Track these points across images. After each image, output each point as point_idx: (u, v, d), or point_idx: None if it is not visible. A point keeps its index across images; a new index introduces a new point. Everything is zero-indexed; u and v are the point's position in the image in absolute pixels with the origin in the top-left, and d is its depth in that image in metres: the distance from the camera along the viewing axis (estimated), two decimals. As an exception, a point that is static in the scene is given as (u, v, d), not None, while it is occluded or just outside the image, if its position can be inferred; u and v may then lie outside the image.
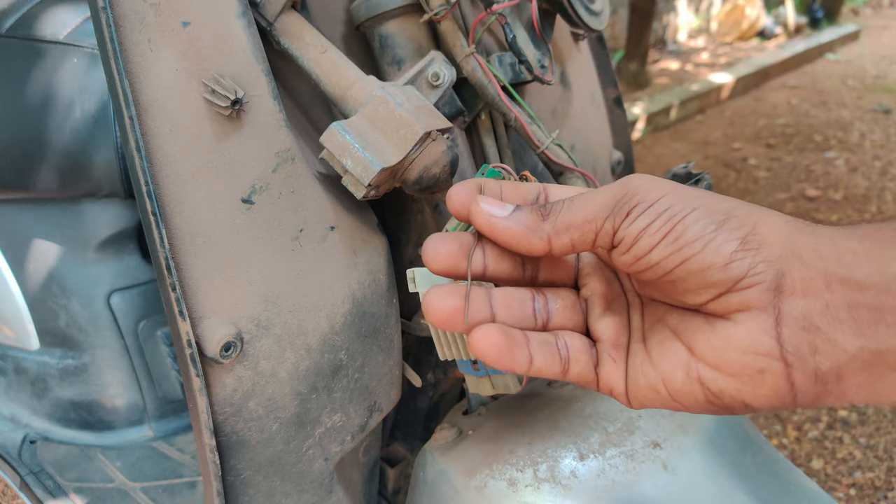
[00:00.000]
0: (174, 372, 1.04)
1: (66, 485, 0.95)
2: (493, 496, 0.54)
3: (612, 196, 0.34)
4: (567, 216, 0.35)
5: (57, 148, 0.87)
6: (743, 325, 0.31)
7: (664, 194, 0.32)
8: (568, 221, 0.34)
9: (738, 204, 0.32)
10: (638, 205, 0.33)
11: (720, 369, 0.31)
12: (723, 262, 0.30)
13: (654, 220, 0.32)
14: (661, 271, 0.32)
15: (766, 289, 0.30)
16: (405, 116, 0.48)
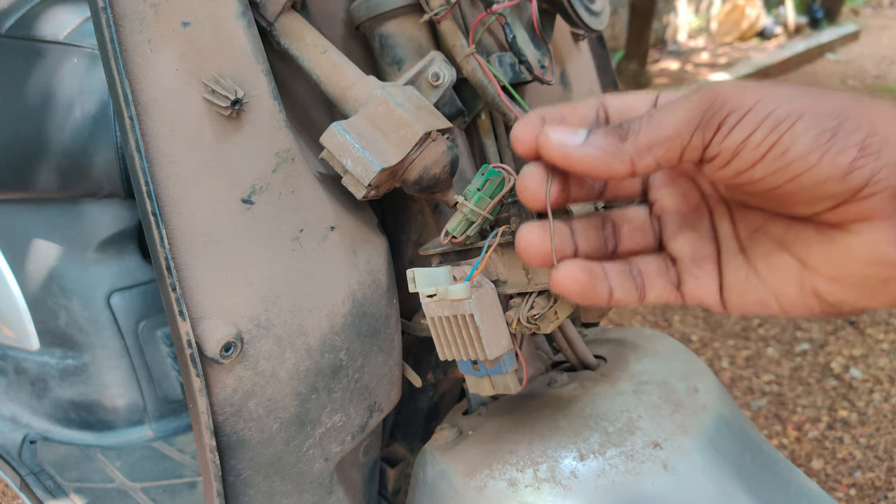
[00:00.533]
0: (174, 372, 1.04)
1: (66, 485, 0.95)
2: (493, 496, 0.54)
3: (698, 105, 0.30)
4: (649, 134, 0.31)
5: (57, 148, 0.87)
6: (864, 235, 0.28)
7: (759, 99, 0.28)
8: (651, 140, 0.31)
9: (849, 101, 0.28)
10: (731, 114, 0.29)
11: (839, 282, 0.30)
12: (841, 173, 0.27)
13: (755, 132, 0.28)
14: (767, 186, 0.29)
15: (889, 196, 0.27)
16: (405, 116, 0.48)
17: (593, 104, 0.35)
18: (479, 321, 0.47)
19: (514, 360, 0.52)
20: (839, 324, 2.07)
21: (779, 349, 1.98)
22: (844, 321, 2.08)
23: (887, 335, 2.00)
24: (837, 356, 1.94)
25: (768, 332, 2.05)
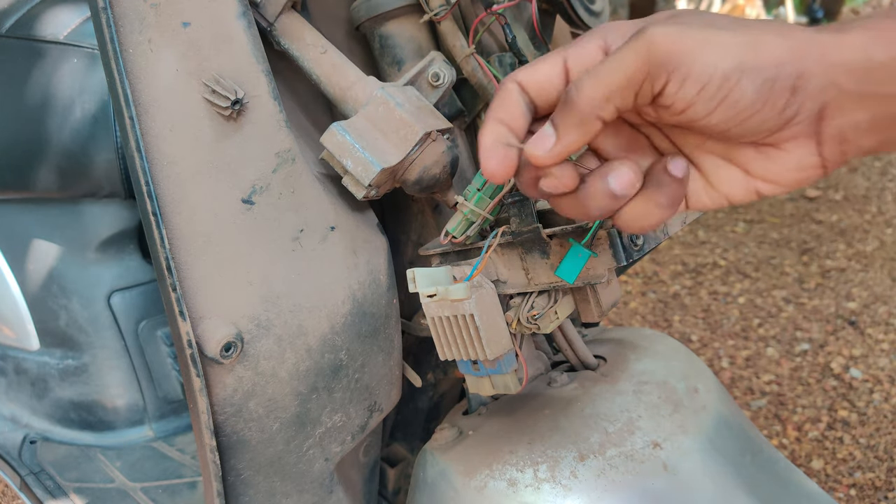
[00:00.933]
0: (174, 372, 1.04)
1: (66, 485, 0.95)
2: (493, 496, 0.54)
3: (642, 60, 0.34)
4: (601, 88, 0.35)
5: (57, 148, 0.87)
6: (793, 151, 0.36)
7: (700, 52, 0.33)
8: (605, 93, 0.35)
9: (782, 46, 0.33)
10: (676, 69, 0.33)
11: (776, 184, 0.37)
12: (779, 111, 0.34)
13: (706, 86, 0.33)
14: (716, 128, 0.35)
15: (811, 119, 0.34)
16: (405, 117, 0.48)
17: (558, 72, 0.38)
18: (479, 321, 0.47)
19: (514, 360, 0.52)
20: (839, 324, 2.07)
21: (779, 349, 1.98)
22: (844, 321, 2.08)
23: (887, 335, 2.00)
24: (837, 356, 1.94)
25: (768, 332, 2.05)
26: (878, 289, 2.21)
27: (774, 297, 2.22)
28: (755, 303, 2.19)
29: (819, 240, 2.53)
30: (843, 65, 0.33)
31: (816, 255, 2.43)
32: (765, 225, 2.66)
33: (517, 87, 0.38)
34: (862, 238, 2.52)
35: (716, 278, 2.34)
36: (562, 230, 0.48)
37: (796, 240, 2.53)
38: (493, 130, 0.38)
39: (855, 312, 2.11)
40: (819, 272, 2.33)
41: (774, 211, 2.76)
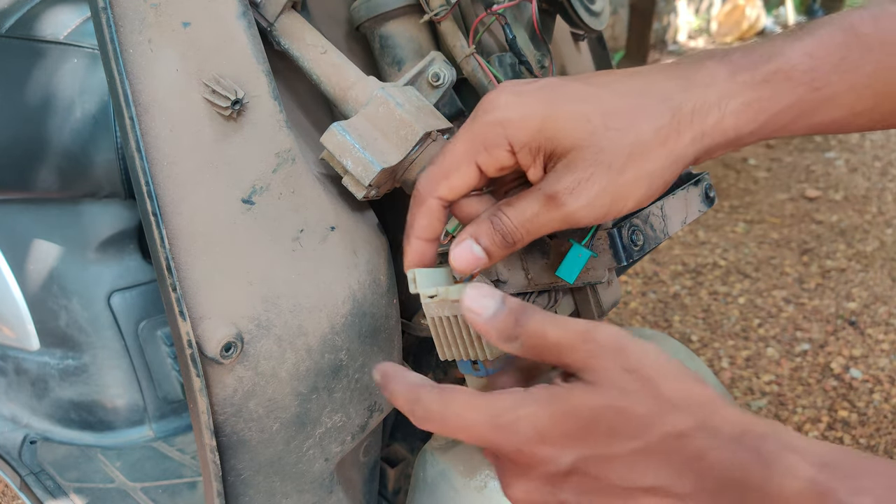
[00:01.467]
0: (174, 372, 1.04)
1: (66, 485, 0.95)
2: (493, 496, 0.54)
3: (561, 223, 0.41)
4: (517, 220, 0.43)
5: (57, 148, 0.87)
6: None
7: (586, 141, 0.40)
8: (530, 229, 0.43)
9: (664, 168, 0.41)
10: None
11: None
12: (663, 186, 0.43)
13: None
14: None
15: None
16: (405, 117, 0.49)
17: (474, 177, 0.43)
18: (480, 321, 0.47)
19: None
20: (839, 324, 2.07)
21: (779, 349, 1.98)
22: (845, 321, 2.08)
23: (887, 335, 2.00)
24: (837, 356, 1.94)
25: (768, 333, 2.05)
26: (878, 289, 2.21)
27: (774, 297, 2.22)
28: (755, 303, 2.19)
29: (819, 240, 2.53)
30: (712, 147, 0.41)
31: (816, 255, 2.43)
32: (765, 225, 2.66)
33: (438, 203, 0.44)
34: (862, 238, 2.52)
35: (716, 278, 2.34)
36: (562, 231, 0.48)
37: (796, 240, 2.53)
38: (415, 250, 0.45)
39: (855, 313, 2.11)
40: (819, 272, 2.33)
41: (774, 211, 2.76)
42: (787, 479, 0.31)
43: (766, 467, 0.32)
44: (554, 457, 0.34)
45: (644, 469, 0.34)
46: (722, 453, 0.33)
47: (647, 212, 0.48)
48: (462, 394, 0.36)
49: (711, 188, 0.55)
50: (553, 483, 0.35)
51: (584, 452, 0.34)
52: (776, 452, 0.32)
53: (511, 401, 0.35)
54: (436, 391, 0.37)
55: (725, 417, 0.33)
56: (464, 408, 0.36)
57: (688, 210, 0.52)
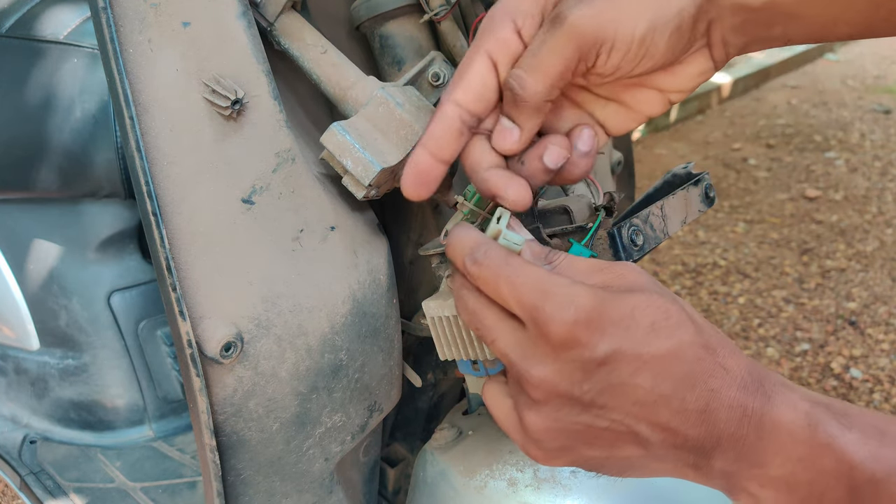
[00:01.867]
0: (174, 372, 1.04)
1: (66, 485, 0.95)
2: (493, 496, 0.54)
3: (574, 48, 0.39)
4: (543, 81, 0.40)
5: (57, 148, 0.87)
6: (693, 63, 0.43)
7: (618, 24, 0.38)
8: (547, 85, 0.40)
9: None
10: (603, 45, 0.39)
11: (682, 91, 0.44)
12: (684, 47, 0.41)
13: (628, 52, 0.39)
14: (637, 74, 0.41)
15: (703, 36, 0.41)
16: (405, 117, 0.49)
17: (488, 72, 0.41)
18: (479, 321, 0.47)
19: (514, 360, 0.52)
20: (839, 324, 2.07)
21: (779, 349, 1.98)
22: (844, 321, 2.08)
23: (887, 335, 2.01)
24: (837, 356, 1.94)
25: (768, 332, 2.05)
26: (878, 289, 2.21)
27: (774, 297, 2.22)
28: (755, 303, 2.19)
29: (819, 240, 2.53)
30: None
31: (816, 255, 2.43)
32: (765, 225, 2.66)
33: (455, 111, 0.41)
34: (862, 238, 2.52)
35: (716, 278, 2.34)
36: (562, 230, 0.48)
37: (796, 240, 2.53)
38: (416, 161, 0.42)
39: (855, 312, 2.11)
40: (819, 272, 2.33)
41: (774, 211, 2.76)
42: (784, 408, 0.34)
43: (766, 398, 0.35)
44: (593, 342, 0.35)
45: (668, 376, 0.35)
46: (735, 376, 0.35)
47: (647, 212, 0.48)
48: (523, 259, 0.39)
49: (711, 188, 0.55)
50: (583, 369, 0.36)
51: (621, 345, 0.35)
52: (776, 388, 0.35)
53: (567, 278, 0.37)
54: (502, 247, 0.40)
55: (739, 361, 0.36)
56: (523, 265, 0.38)
57: (688, 210, 0.52)
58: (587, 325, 0.35)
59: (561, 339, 0.35)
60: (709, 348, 0.35)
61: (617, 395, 0.36)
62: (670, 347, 0.35)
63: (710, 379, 0.35)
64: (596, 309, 0.35)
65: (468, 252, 0.40)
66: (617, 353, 0.35)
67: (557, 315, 0.35)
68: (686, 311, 0.37)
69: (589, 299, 0.35)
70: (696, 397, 0.35)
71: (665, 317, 0.36)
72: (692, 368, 0.35)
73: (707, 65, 0.43)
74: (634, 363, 0.35)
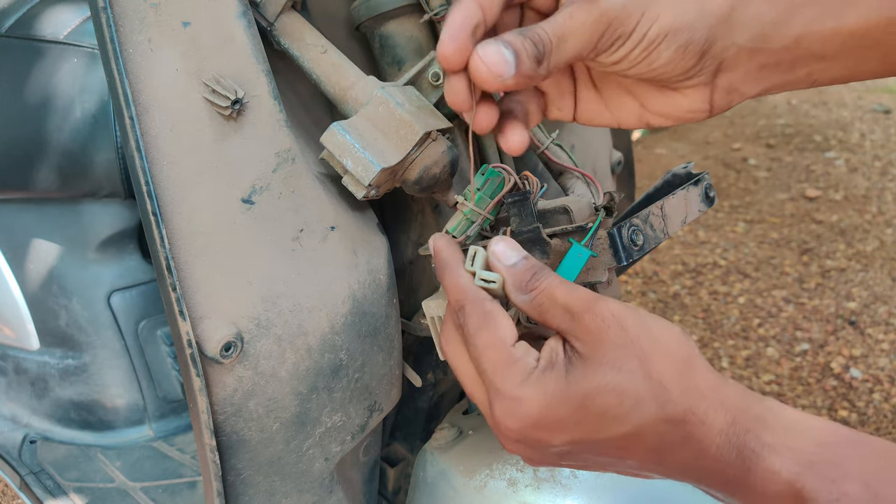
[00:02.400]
0: (174, 372, 1.04)
1: (66, 484, 0.95)
2: (493, 496, 0.54)
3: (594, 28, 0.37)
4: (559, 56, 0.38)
5: (57, 148, 0.87)
6: (689, 96, 0.41)
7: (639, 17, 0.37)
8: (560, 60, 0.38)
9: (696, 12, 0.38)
10: (621, 36, 0.38)
11: (666, 118, 0.43)
12: (685, 70, 0.39)
13: (634, 49, 0.38)
14: (631, 74, 0.40)
15: (709, 74, 0.40)
16: (405, 117, 0.49)
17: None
18: (479, 321, 0.47)
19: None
20: (839, 324, 2.07)
21: (779, 349, 1.98)
22: (844, 321, 2.08)
23: (887, 335, 2.01)
24: (837, 356, 1.94)
25: (768, 332, 2.05)
26: (878, 289, 2.21)
27: (774, 296, 2.22)
28: (755, 303, 2.19)
29: (819, 240, 2.53)
30: (744, 24, 0.38)
31: (816, 255, 2.43)
32: (765, 225, 2.66)
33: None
34: (862, 238, 2.52)
35: (716, 278, 2.34)
36: (562, 230, 0.48)
37: (796, 240, 2.53)
38: (467, 9, 0.37)
39: (855, 312, 2.11)
40: (819, 272, 2.33)
41: (774, 211, 2.76)
42: (766, 482, 0.33)
43: (746, 469, 0.33)
44: (547, 440, 0.36)
45: (630, 454, 0.36)
46: (707, 447, 0.34)
47: (647, 211, 0.48)
48: (494, 333, 0.38)
49: (711, 188, 0.55)
50: (544, 453, 0.38)
51: (574, 437, 0.36)
52: (758, 453, 0.33)
53: (521, 374, 0.37)
54: (478, 313, 0.39)
55: (715, 404, 0.34)
56: (487, 345, 0.38)
57: (688, 210, 0.52)
58: (535, 428, 0.36)
59: (516, 435, 0.37)
60: (673, 422, 0.34)
61: (588, 464, 0.38)
62: (626, 432, 0.35)
63: (678, 451, 0.35)
64: (542, 413, 0.36)
65: (453, 303, 0.40)
66: (573, 443, 0.36)
67: (505, 422, 0.37)
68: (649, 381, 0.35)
69: (534, 404, 0.36)
70: (667, 468, 0.35)
71: (618, 402, 0.35)
72: (656, 444, 0.35)
73: (701, 105, 0.42)
74: (595, 447, 0.36)
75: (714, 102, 0.41)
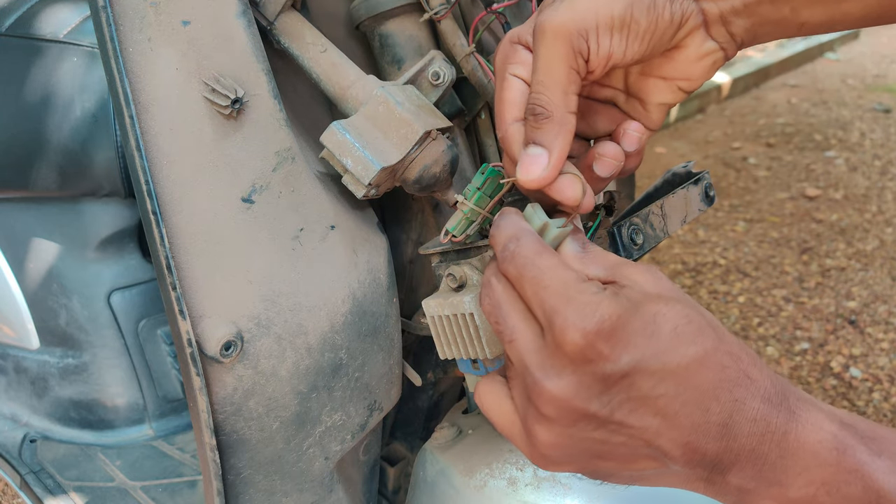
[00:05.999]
0: (174, 371, 1.04)
1: (66, 484, 0.95)
2: (493, 495, 0.54)
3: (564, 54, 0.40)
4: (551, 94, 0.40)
5: (57, 147, 0.87)
6: (690, 45, 0.42)
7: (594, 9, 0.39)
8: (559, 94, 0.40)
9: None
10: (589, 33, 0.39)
11: (690, 79, 0.44)
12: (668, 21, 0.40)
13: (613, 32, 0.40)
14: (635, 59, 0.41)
15: (696, 14, 0.41)
16: (405, 116, 0.48)
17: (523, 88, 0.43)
18: (479, 320, 0.47)
19: (514, 359, 0.52)
20: (839, 323, 2.07)
21: (778, 348, 1.98)
22: (844, 320, 2.08)
23: (887, 334, 2.01)
24: (837, 355, 1.94)
25: (768, 332, 2.05)
26: (877, 288, 2.21)
27: (774, 296, 2.22)
28: (755, 302, 2.19)
29: (819, 239, 2.53)
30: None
31: (816, 254, 2.43)
32: (765, 224, 2.66)
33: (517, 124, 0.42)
34: (862, 237, 2.52)
35: (716, 277, 2.34)
36: (562, 229, 0.48)
37: (796, 239, 2.54)
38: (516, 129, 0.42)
39: (855, 311, 2.11)
40: (819, 271, 2.33)
41: (774, 210, 2.76)
42: (809, 427, 0.33)
43: (791, 413, 0.33)
44: (615, 355, 0.33)
45: (690, 389, 0.33)
46: (759, 388, 0.34)
47: (647, 210, 0.48)
48: (557, 257, 0.37)
49: (711, 187, 0.55)
50: (603, 382, 0.34)
51: (645, 353, 0.33)
52: (801, 404, 0.34)
53: (595, 287, 0.35)
54: (537, 241, 0.38)
55: (763, 371, 0.35)
56: (552, 267, 0.36)
57: (688, 209, 0.52)
58: (609, 336, 0.34)
59: (580, 350, 0.34)
60: (733, 356, 0.34)
61: (637, 408, 0.34)
62: (695, 354, 0.33)
63: (734, 388, 0.33)
64: (621, 318, 0.34)
65: (505, 241, 0.39)
66: (640, 364, 0.33)
67: (579, 323, 0.34)
68: (706, 318, 0.35)
69: (613, 308, 0.34)
70: (720, 408, 0.33)
71: (687, 321, 0.34)
72: (717, 376, 0.33)
73: (707, 46, 0.42)
74: (658, 373, 0.33)
75: (718, 39, 0.42)
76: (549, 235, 0.41)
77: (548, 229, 0.41)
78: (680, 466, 0.35)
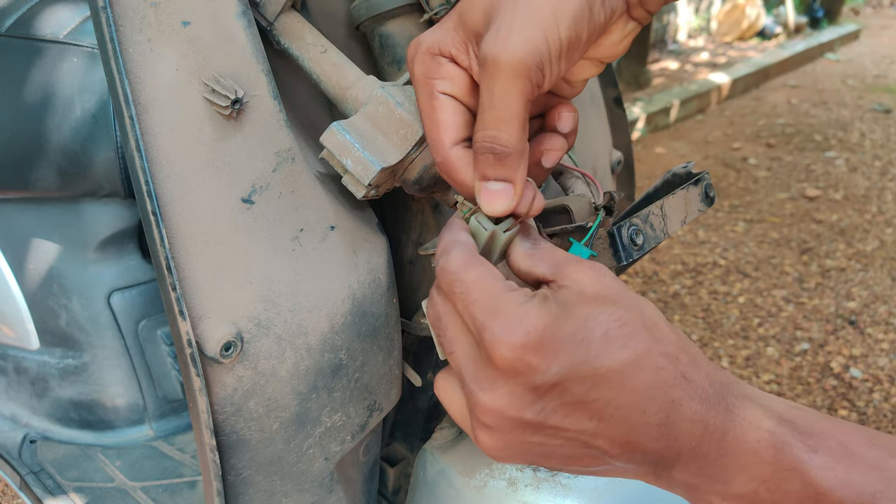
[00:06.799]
0: (174, 371, 1.04)
1: (66, 484, 0.95)
2: (492, 495, 0.54)
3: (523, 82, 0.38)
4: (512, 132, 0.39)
5: (57, 147, 0.87)
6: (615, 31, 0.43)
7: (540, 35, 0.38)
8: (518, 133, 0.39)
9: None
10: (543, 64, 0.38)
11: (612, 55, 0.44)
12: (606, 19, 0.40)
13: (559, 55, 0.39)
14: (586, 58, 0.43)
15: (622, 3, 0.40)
16: (405, 116, 0.49)
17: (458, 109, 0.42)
18: (479, 321, 0.47)
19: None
20: (839, 323, 2.07)
21: (778, 349, 1.98)
22: (844, 321, 2.08)
23: (887, 335, 2.01)
24: (837, 356, 1.94)
25: (768, 332, 2.05)
26: (877, 288, 2.21)
27: (774, 296, 2.22)
28: (755, 302, 2.19)
29: (819, 239, 2.53)
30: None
31: (816, 254, 2.44)
32: (765, 224, 2.66)
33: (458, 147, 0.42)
34: (862, 238, 2.52)
35: (716, 278, 2.34)
36: (562, 230, 0.48)
37: (796, 239, 2.54)
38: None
39: (855, 312, 2.11)
40: (819, 272, 2.33)
41: (774, 210, 2.76)
42: (747, 426, 0.33)
43: (728, 413, 0.34)
44: (544, 366, 0.34)
45: (624, 393, 0.34)
46: (696, 389, 0.34)
47: (647, 211, 0.48)
48: (484, 269, 0.37)
49: (711, 187, 0.55)
50: (534, 392, 0.34)
51: (575, 360, 0.34)
52: (740, 401, 0.34)
53: (522, 296, 0.35)
54: (465, 253, 0.38)
55: (700, 370, 0.35)
56: (479, 279, 0.36)
57: (688, 209, 0.52)
58: (537, 347, 0.34)
59: (509, 364, 0.34)
60: (669, 356, 0.34)
61: (571, 412, 0.34)
62: (627, 357, 0.33)
63: (670, 390, 0.34)
64: (548, 327, 0.34)
65: (437, 256, 0.39)
66: (571, 371, 0.34)
67: (506, 338, 0.34)
68: (643, 319, 0.35)
69: (539, 318, 0.34)
70: (657, 409, 0.33)
71: (619, 324, 0.34)
72: (652, 378, 0.34)
73: (630, 27, 0.43)
74: (590, 378, 0.34)
75: (637, 17, 0.42)
76: (499, 241, 0.41)
77: (496, 236, 0.41)
78: (622, 463, 0.35)
